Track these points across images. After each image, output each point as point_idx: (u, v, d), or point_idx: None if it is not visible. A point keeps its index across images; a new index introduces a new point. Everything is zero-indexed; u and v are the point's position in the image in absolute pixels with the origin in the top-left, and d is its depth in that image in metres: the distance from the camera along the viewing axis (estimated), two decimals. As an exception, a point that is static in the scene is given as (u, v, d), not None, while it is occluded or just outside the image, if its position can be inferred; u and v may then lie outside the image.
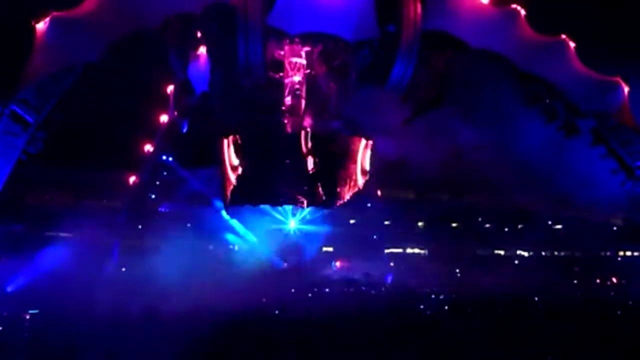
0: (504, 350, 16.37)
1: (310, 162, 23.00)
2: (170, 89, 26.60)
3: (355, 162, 23.62)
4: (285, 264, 28.46)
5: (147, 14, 21.39)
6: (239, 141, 23.06)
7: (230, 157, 23.25)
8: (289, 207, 26.36)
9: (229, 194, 23.52)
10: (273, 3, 21.25)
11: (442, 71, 24.17)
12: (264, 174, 23.17)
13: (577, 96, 24.40)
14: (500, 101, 25.87)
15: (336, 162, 23.44)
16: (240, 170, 23.02)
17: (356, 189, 23.70)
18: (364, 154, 23.74)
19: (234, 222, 28.39)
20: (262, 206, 25.54)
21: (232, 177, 23.16)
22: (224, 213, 27.60)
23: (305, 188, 23.20)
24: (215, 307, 20.39)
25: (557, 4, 26.07)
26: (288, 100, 24.83)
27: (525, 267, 30.78)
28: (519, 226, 31.88)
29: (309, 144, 22.98)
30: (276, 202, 24.59)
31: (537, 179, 27.07)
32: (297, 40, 23.73)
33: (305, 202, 23.57)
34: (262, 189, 23.36)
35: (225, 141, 23.28)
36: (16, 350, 16.26)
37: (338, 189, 23.52)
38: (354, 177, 23.56)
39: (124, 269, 27.17)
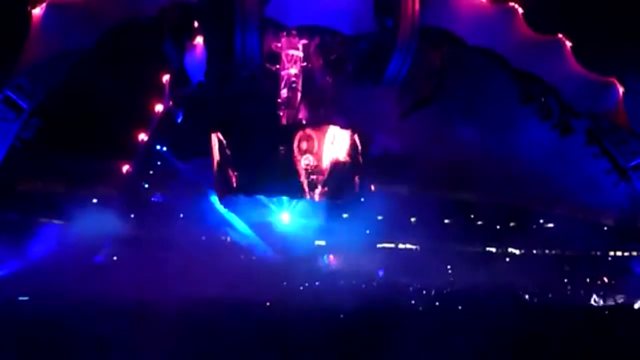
0: (495, 346, 16.46)
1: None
2: (165, 78, 26.51)
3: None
4: (278, 257, 28.45)
5: (144, 2, 21.31)
6: (233, 132, 23.12)
7: (224, 148, 23.30)
8: (283, 200, 26.32)
9: (223, 184, 23.56)
10: (271, -6, 21.23)
11: (438, 67, 24.24)
12: (258, 165, 23.23)
13: (572, 96, 24.50)
14: (495, 99, 25.93)
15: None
16: (234, 161, 23.08)
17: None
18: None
19: (228, 214, 28.34)
20: (256, 198, 25.53)
21: (227, 168, 23.20)
22: (217, 204, 27.56)
23: (296, 180, 23.33)
24: (207, 298, 20.41)
25: (554, 3, 26.11)
26: (284, 92, 24.85)
27: (516, 265, 30.90)
28: (511, 224, 32.00)
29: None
30: (270, 193, 24.63)
31: (530, 177, 27.16)
32: (294, 32, 23.74)
33: (299, 194, 23.69)
34: (256, 180, 23.43)
35: (220, 132, 23.31)
36: (6, 336, 16.20)
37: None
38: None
39: (115, 258, 27.11)
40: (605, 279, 29.19)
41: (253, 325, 17.62)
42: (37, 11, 20.49)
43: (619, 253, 30.54)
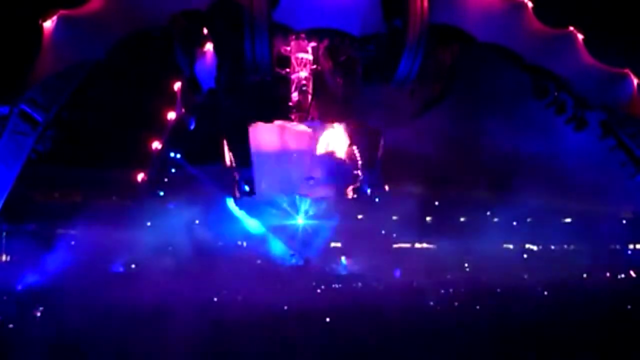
0: (514, 345, 16.35)
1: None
2: (177, 86, 26.71)
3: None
4: (294, 260, 28.50)
5: (154, 12, 21.38)
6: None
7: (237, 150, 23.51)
8: (298, 201, 26.38)
9: (238, 186, 23.73)
10: (279, -1, 21.24)
11: (448, 65, 24.08)
12: (275, 166, 23.41)
13: (585, 89, 24.20)
14: (509, 94, 25.78)
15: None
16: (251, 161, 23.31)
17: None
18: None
19: (243, 218, 28.47)
20: (271, 200, 25.63)
21: (243, 169, 23.41)
22: (233, 208, 27.70)
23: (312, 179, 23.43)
24: (225, 303, 20.49)
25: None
26: (295, 95, 24.95)
27: (534, 261, 30.68)
28: (528, 220, 31.78)
29: None
30: (287, 192, 24.75)
31: (546, 172, 26.96)
32: (303, 35, 23.76)
33: (313, 193, 23.79)
34: (272, 179, 23.61)
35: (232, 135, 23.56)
36: (27, 347, 16.37)
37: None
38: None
39: (133, 266, 27.33)
40: (632, 273, 28.85)
41: (271, 328, 17.65)
42: (48, 24, 20.61)
43: (638, 246, 30.24)
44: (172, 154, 28.57)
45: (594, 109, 24.42)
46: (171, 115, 27.53)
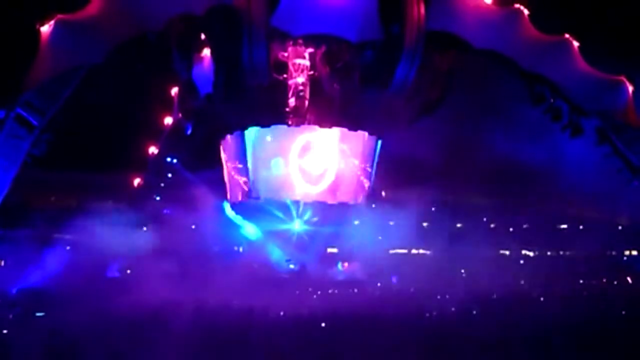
0: (511, 352, 16.33)
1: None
2: (174, 91, 26.73)
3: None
4: (291, 265, 28.48)
5: (151, 17, 21.44)
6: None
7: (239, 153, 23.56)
8: (296, 207, 26.38)
9: (236, 191, 23.72)
10: (277, 4, 21.31)
11: (445, 71, 24.22)
12: (273, 171, 23.45)
13: (581, 96, 24.36)
14: (504, 100, 25.89)
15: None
16: (249, 166, 23.33)
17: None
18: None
19: (240, 223, 28.46)
20: (268, 205, 25.63)
21: (240, 174, 23.41)
22: (229, 213, 27.70)
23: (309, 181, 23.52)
24: (221, 308, 20.41)
25: (560, 3, 26.05)
26: (292, 101, 25.02)
27: (531, 268, 30.70)
28: (524, 226, 31.86)
29: None
30: (285, 196, 24.78)
31: (541, 178, 27.05)
32: (300, 41, 23.88)
33: (311, 196, 23.85)
34: (271, 185, 23.63)
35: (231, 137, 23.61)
36: (22, 353, 16.29)
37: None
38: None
39: (129, 272, 27.25)
40: (629, 279, 28.89)
41: (267, 334, 17.61)
42: (45, 28, 20.65)
43: (634, 252, 30.31)
44: (168, 159, 28.60)
45: (589, 116, 24.56)
46: (168, 120, 27.57)
